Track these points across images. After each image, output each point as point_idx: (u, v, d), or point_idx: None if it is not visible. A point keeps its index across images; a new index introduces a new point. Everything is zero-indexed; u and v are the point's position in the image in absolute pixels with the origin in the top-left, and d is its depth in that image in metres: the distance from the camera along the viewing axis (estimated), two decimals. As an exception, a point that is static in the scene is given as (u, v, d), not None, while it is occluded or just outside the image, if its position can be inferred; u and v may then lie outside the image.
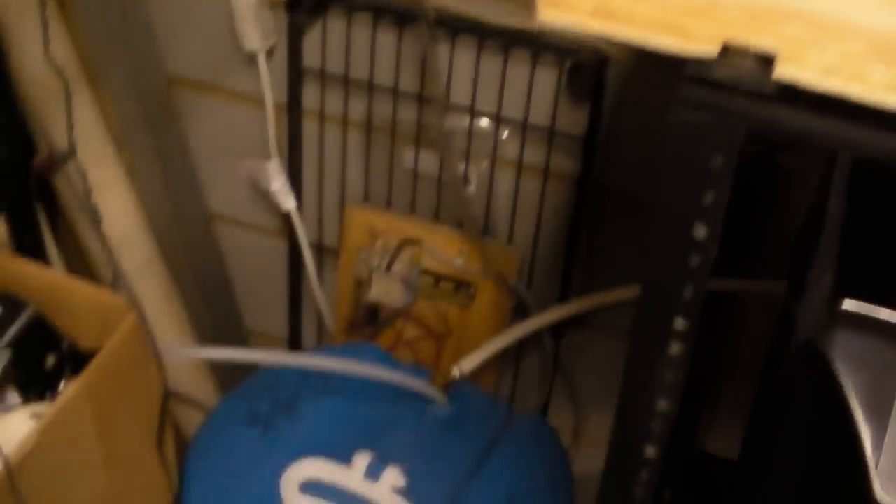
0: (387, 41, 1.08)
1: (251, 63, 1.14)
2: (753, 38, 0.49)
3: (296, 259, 1.24)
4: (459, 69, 1.06)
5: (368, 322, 1.21)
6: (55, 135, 0.98)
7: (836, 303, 0.57)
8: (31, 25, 1.00)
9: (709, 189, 0.53)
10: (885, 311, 0.57)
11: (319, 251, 1.24)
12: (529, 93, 1.05)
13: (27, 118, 1.06)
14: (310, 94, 1.15)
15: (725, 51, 0.49)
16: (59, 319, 0.98)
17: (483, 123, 1.09)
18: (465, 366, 1.08)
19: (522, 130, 1.07)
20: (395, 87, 1.10)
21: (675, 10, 0.50)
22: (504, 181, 1.11)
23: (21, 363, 0.95)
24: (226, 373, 1.31)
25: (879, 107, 0.47)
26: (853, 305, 0.57)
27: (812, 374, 0.60)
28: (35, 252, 1.11)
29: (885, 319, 0.57)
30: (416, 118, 1.11)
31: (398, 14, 1.05)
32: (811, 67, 0.48)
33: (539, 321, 1.11)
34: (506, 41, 1.03)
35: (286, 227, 1.23)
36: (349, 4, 1.07)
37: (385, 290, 1.18)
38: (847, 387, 0.57)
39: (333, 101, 1.14)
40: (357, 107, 1.13)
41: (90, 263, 1.22)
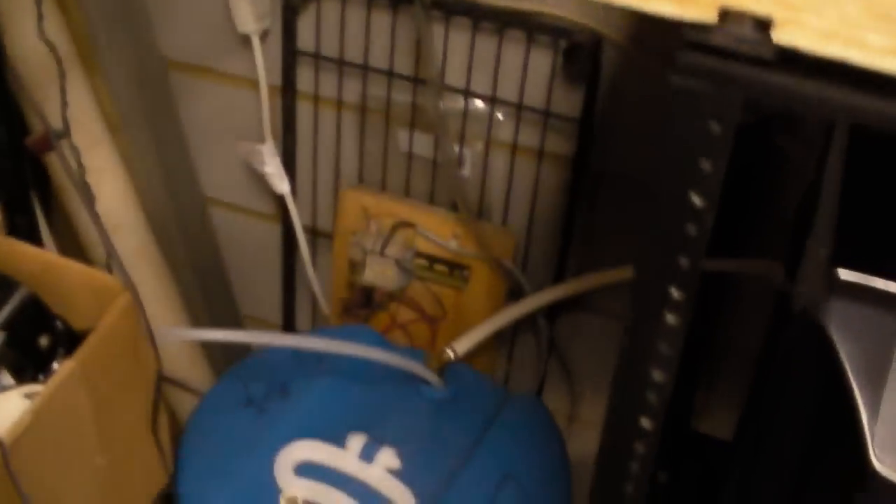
0: (381, 23, 1.08)
1: (245, 45, 1.14)
2: (751, 3, 0.49)
3: (290, 242, 1.24)
4: (454, 51, 1.06)
5: (363, 305, 1.21)
6: (49, 114, 0.97)
7: (833, 272, 0.57)
8: (25, 1, 1.00)
9: (706, 157, 0.53)
10: (881, 281, 0.57)
11: (313, 234, 1.24)
12: (524, 74, 1.05)
13: (21, 97, 1.06)
14: (304, 77, 1.15)
15: (724, 16, 0.49)
16: (53, 300, 0.97)
17: (478, 105, 1.08)
18: (460, 347, 1.08)
19: (517, 112, 1.07)
20: (390, 69, 1.10)
21: (673, -24, 0.50)
22: (499, 163, 1.11)
23: (14, 344, 0.95)
24: (220, 357, 1.31)
25: (878, 72, 0.47)
26: (849, 275, 0.57)
27: (809, 344, 0.60)
28: (28, 233, 1.10)
29: (882, 288, 0.57)
30: (411, 100, 1.11)
31: (393, -5, 1.05)
32: (809, 31, 0.48)
33: (534, 303, 1.11)
34: (500, 22, 1.03)
35: (280, 210, 1.23)
36: (344, -15, 1.07)
37: (379, 273, 1.18)
38: (843, 356, 0.58)
39: (328, 84, 1.14)
40: (351, 89, 1.13)
41: (83, 245, 1.21)
